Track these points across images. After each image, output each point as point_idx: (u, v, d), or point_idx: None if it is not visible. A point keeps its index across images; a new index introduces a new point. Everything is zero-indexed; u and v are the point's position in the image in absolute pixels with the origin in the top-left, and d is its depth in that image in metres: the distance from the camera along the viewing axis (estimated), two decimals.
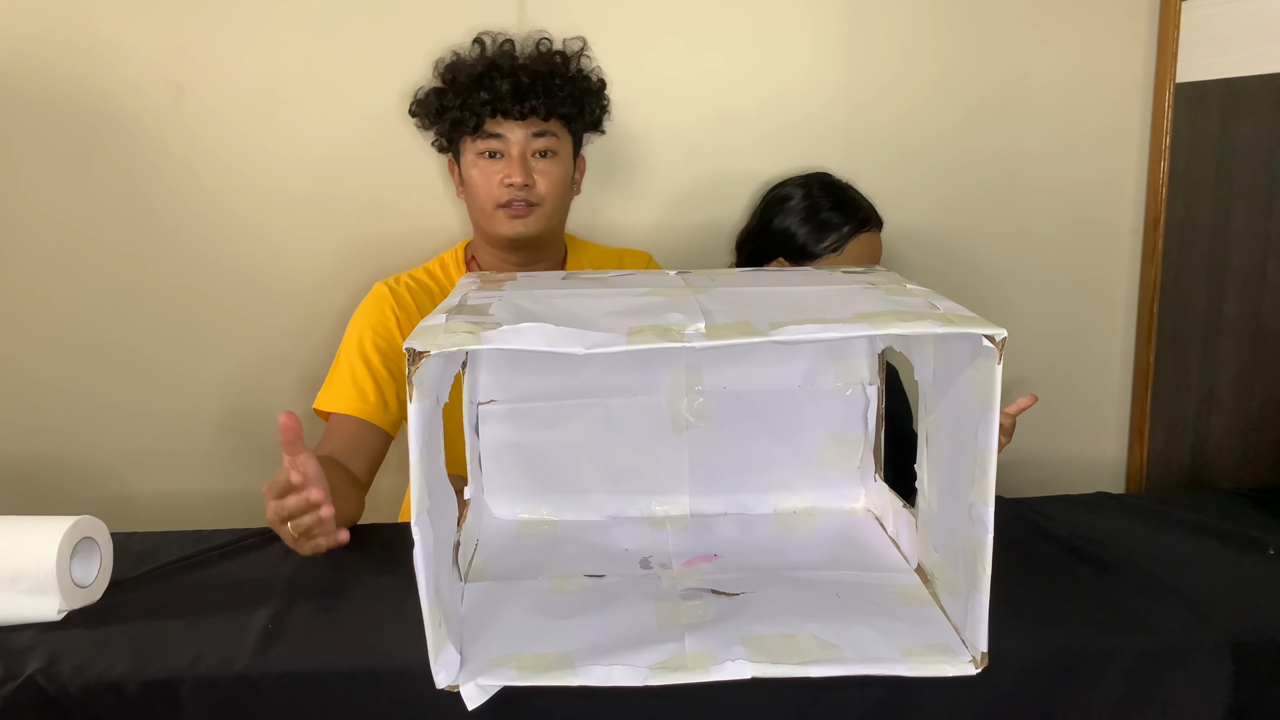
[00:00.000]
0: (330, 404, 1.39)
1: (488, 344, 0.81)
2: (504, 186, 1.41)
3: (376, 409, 1.38)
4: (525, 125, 1.41)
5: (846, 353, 1.19)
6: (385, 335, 1.43)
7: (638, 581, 1.04)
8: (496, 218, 1.42)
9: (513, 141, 1.41)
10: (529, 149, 1.42)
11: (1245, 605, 0.98)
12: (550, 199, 1.43)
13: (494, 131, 1.41)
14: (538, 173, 1.42)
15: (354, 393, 1.39)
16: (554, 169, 1.43)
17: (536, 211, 1.42)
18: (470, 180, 1.45)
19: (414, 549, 0.82)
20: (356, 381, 1.39)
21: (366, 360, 1.40)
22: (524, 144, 1.41)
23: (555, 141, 1.44)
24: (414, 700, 0.87)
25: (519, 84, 1.40)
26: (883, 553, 1.11)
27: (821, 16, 1.63)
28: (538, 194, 1.42)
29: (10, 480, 1.70)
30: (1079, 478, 1.78)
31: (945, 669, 0.87)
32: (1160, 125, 1.65)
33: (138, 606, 1.01)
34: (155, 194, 1.63)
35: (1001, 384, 0.82)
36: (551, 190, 1.43)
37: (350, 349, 1.42)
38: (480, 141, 1.42)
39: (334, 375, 1.42)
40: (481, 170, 1.43)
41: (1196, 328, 1.64)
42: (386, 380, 1.40)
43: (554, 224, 1.47)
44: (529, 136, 1.41)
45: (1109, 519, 1.21)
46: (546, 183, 1.42)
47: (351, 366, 1.40)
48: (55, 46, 1.57)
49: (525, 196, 1.41)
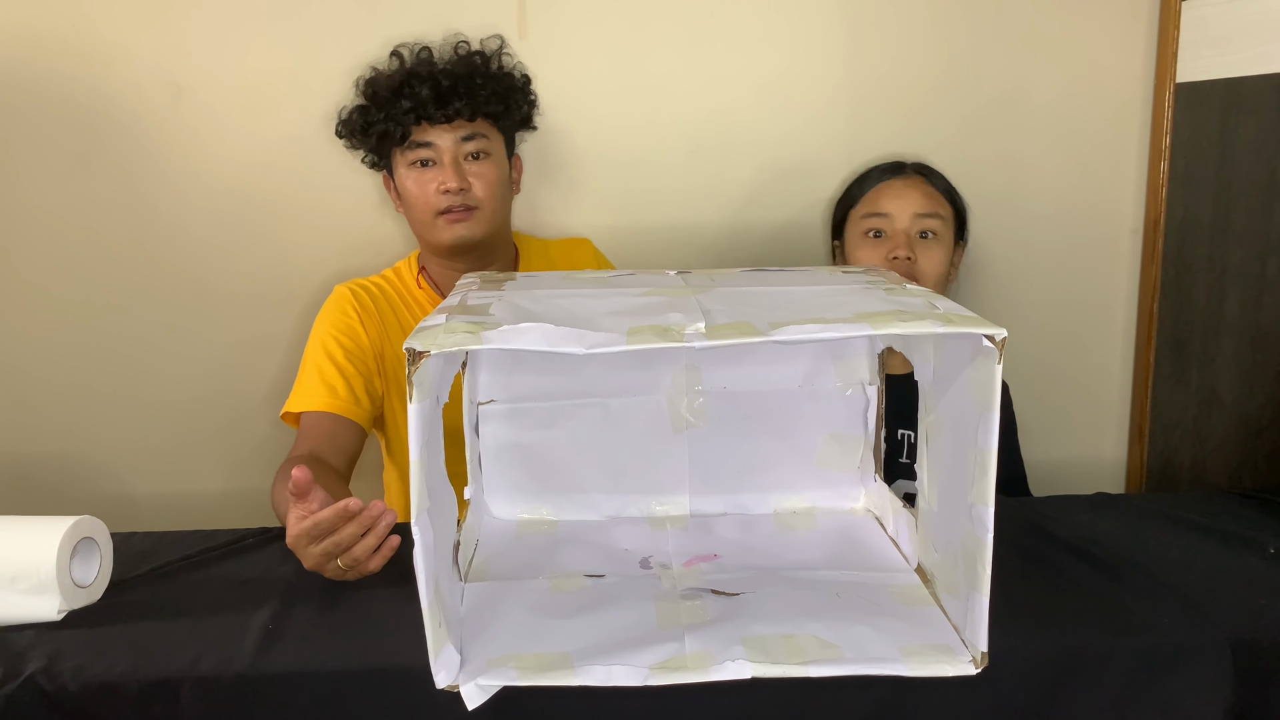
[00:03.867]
0: (301, 404, 1.39)
1: (488, 344, 0.81)
2: (440, 193, 1.41)
3: (349, 404, 1.38)
4: (453, 129, 1.41)
5: (846, 353, 1.19)
6: (348, 333, 1.43)
7: (638, 581, 1.04)
8: (437, 226, 1.42)
9: (443, 148, 1.41)
10: (460, 153, 1.42)
11: (1245, 605, 0.98)
12: (489, 201, 1.43)
13: (422, 140, 1.41)
14: (472, 175, 1.42)
15: (324, 390, 1.38)
16: (489, 170, 1.43)
17: (476, 215, 1.42)
18: (406, 192, 1.44)
19: (414, 549, 0.82)
20: (325, 379, 1.39)
21: (332, 358, 1.40)
22: (454, 148, 1.41)
23: (486, 143, 1.44)
24: (414, 700, 0.87)
25: (439, 87, 1.40)
26: (883, 553, 1.11)
27: (821, 17, 1.63)
28: (475, 197, 1.42)
29: (10, 480, 1.70)
30: (1079, 478, 1.78)
31: (945, 669, 0.87)
32: (1160, 125, 1.65)
33: (138, 606, 1.01)
34: (155, 194, 1.63)
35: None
36: (489, 192, 1.43)
37: (315, 351, 1.42)
38: (410, 152, 1.42)
39: (301, 379, 1.42)
40: (415, 180, 1.43)
41: (1196, 328, 1.64)
42: (354, 376, 1.40)
43: (495, 226, 1.46)
44: (458, 141, 1.42)
45: (1109, 519, 1.21)
46: (483, 185, 1.42)
47: (319, 366, 1.40)
48: (55, 46, 1.57)
49: (463, 201, 1.41)
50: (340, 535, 0.98)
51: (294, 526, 0.99)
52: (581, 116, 1.64)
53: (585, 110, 1.64)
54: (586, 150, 1.65)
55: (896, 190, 1.49)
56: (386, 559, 1.02)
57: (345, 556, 0.99)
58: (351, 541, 0.98)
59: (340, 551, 0.99)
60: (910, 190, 1.48)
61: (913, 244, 1.44)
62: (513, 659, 0.88)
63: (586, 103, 1.64)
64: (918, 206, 1.44)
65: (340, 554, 0.99)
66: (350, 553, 0.99)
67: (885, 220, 1.46)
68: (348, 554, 0.99)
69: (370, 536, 0.99)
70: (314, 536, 0.98)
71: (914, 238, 1.44)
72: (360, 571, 1.01)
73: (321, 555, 0.99)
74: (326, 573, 1.02)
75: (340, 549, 0.99)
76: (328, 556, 0.99)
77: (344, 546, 0.98)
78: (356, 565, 1.00)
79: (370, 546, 0.99)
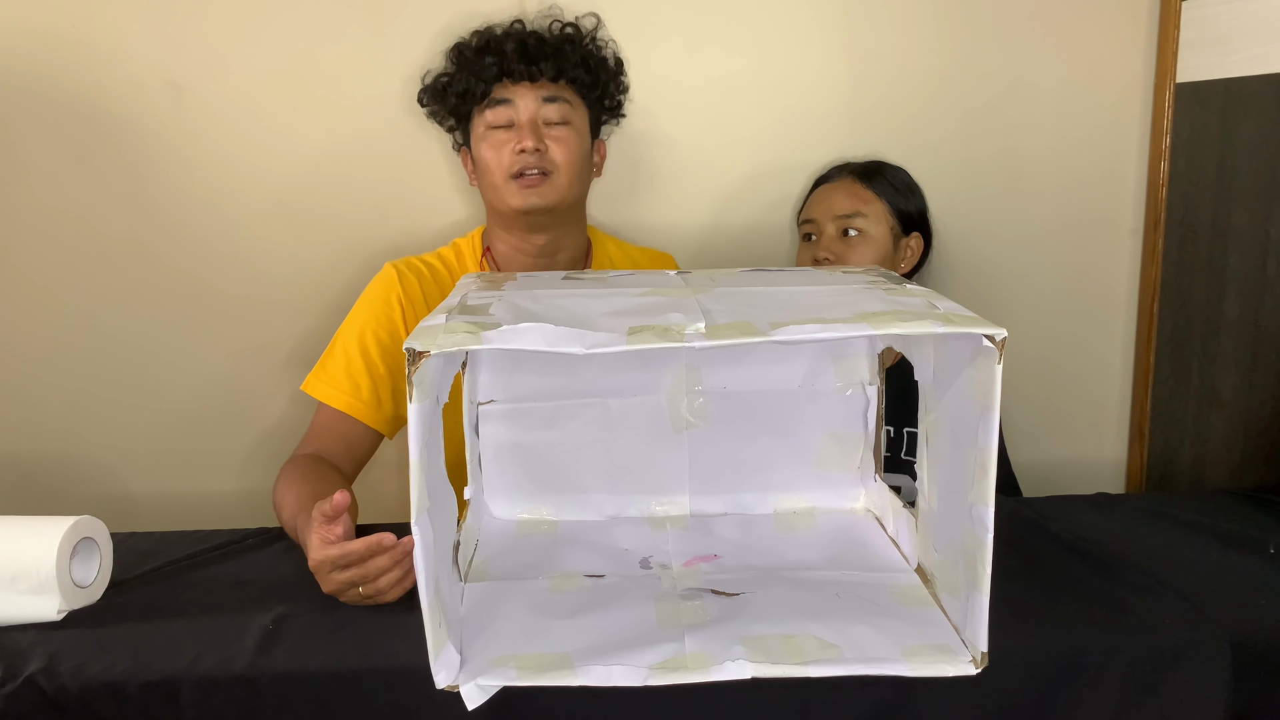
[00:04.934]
0: (322, 393, 1.35)
1: (488, 344, 0.81)
2: (515, 154, 1.34)
3: (369, 407, 1.34)
4: (535, 89, 1.35)
5: (846, 353, 1.19)
6: (388, 328, 1.37)
7: (638, 581, 1.04)
8: (509, 190, 1.35)
9: (522, 107, 1.35)
10: (540, 115, 1.36)
11: (1245, 605, 0.98)
12: (566, 168, 1.35)
13: (502, 97, 1.35)
14: (551, 139, 1.35)
15: (347, 386, 1.34)
16: (569, 136, 1.36)
17: (550, 181, 1.35)
18: (481, 158, 1.38)
19: (414, 549, 0.82)
20: (351, 374, 1.34)
21: (365, 353, 1.35)
22: (535, 109, 1.35)
23: (569, 110, 1.37)
24: (414, 700, 0.87)
25: (525, 45, 1.35)
26: (883, 553, 1.11)
27: (822, 16, 1.63)
28: (551, 161, 1.35)
29: (10, 480, 1.70)
30: (1079, 478, 1.78)
31: (945, 669, 0.87)
32: (1160, 125, 1.65)
33: (138, 606, 1.01)
34: (155, 193, 1.63)
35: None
36: (567, 159, 1.35)
37: (349, 337, 1.37)
38: (489, 112, 1.36)
39: (329, 358, 1.37)
40: (491, 143, 1.36)
41: (1196, 328, 1.64)
42: (383, 378, 1.35)
43: (570, 199, 1.38)
44: (540, 100, 1.35)
45: (1109, 519, 1.21)
46: (561, 150, 1.35)
47: (348, 356, 1.35)
48: (55, 46, 1.57)
49: (539, 164, 1.33)
50: (367, 568, 0.96)
51: (318, 550, 0.97)
52: None
53: None
54: None
55: (823, 195, 1.56)
56: (407, 589, 0.98)
57: (369, 586, 0.97)
58: (379, 574, 0.96)
59: (365, 582, 0.97)
60: (835, 194, 1.55)
61: (835, 244, 1.51)
62: (513, 659, 0.88)
63: None
64: (839, 209, 1.52)
65: (364, 584, 0.97)
66: (375, 584, 0.96)
67: (813, 225, 1.55)
68: (372, 584, 0.97)
69: (397, 570, 0.97)
70: (341, 566, 0.96)
71: (837, 238, 1.51)
72: (380, 600, 0.99)
73: (345, 583, 0.97)
74: (344, 598, 0.99)
75: (365, 580, 0.96)
76: (351, 585, 0.97)
77: (370, 579, 0.96)
78: (379, 595, 0.98)
79: (395, 580, 0.97)
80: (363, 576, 0.96)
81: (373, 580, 0.96)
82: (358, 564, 0.95)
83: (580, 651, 0.89)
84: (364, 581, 0.96)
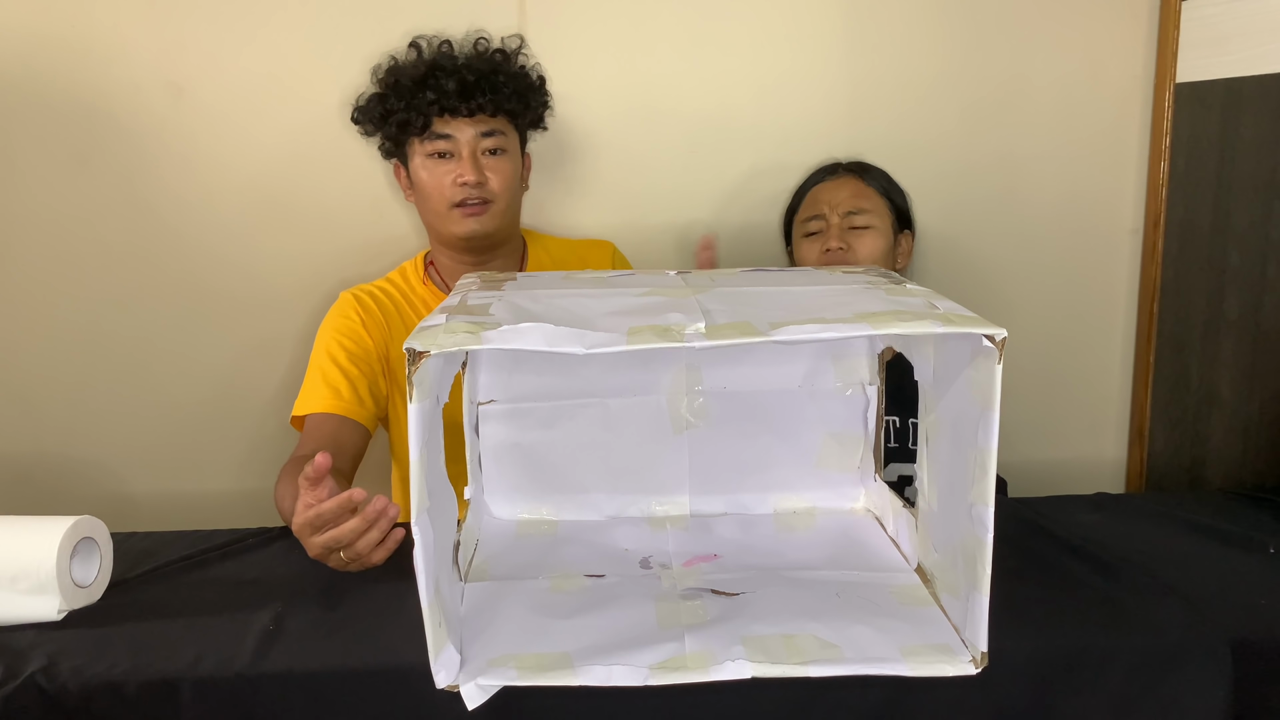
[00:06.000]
0: (306, 407, 1.40)
1: (488, 344, 0.81)
2: (457, 185, 1.42)
3: (352, 404, 1.39)
4: (473, 123, 1.43)
5: (846, 353, 1.19)
6: (351, 336, 1.44)
7: (638, 581, 1.04)
8: (451, 218, 1.44)
9: (462, 141, 1.43)
10: (478, 147, 1.43)
11: (1245, 605, 0.98)
12: (503, 195, 1.45)
13: (442, 132, 1.42)
14: (489, 170, 1.44)
15: (328, 392, 1.39)
16: (505, 166, 1.45)
17: (490, 209, 1.44)
18: (420, 183, 1.46)
19: (414, 549, 0.82)
20: (329, 381, 1.40)
21: (335, 361, 1.42)
22: (473, 143, 1.43)
23: (504, 139, 1.45)
24: (414, 700, 0.87)
25: (464, 82, 1.41)
26: (883, 553, 1.11)
27: (820, 16, 1.63)
28: (491, 191, 1.43)
29: (10, 480, 1.70)
30: (1079, 478, 1.78)
31: (945, 669, 0.87)
32: (1160, 125, 1.65)
33: (138, 606, 1.01)
34: (155, 193, 1.63)
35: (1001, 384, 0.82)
36: (504, 186, 1.45)
37: (319, 356, 1.44)
38: (429, 143, 1.43)
39: (307, 383, 1.43)
40: (431, 171, 1.44)
41: (1196, 328, 1.64)
42: (358, 378, 1.41)
43: (507, 221, 1.48)
44: (477, 135, 1.43)
45: (1109, 519, 1.21)
46: (499, 180, 1.44)
47: (322, 370, 1.42)
48: (55, 46, 1.57)
49: (479, 194, 1.42)
50: (342, 529, 0.99)
51: (300, 515, 1.01)
52: (580, 115, 1.64)
53: (584, 109, 1.64)
54: (585, 149, 1.65)
55: (829, 190, 1.57)
56: (391, 551, 1.03)
57: (348, 550, 1.00)
58: (353, 536, 1.00)
59: (341, 546, 1.00)
60: (840, 189, 1.57)
61: (845, 235, 1.53)
62: (513, 659, 0.88)
63: (586, 102, 1.64)
64: (848, 204, 1.54)
65: (342, 548, 1.00)
66: (353, 547, 1.00)
67: (819, 220, 1.56)
68: (350, 548, 1.00)
69: (374, 531, 1.00)
70: (316, 527, 1.00)
71: (846, 229, 1.54)
72: (363, 564, 1.03)
73: (323, 547, 1.01)
74: (330, 563, 1.03)
75: (341, 544, 1.00)
76: (329, 549, 1.01)
77: (344, 541, 1.00)
78: (359, 559, 1.02)
79: (373, 542, 1.01)
80: (337, 539, 0.99)
81: (351, 544, 1.00)
82: (333, 524, 0.99)
83: (580, 651, 0.89)
84: (340, 545, 1.00)
